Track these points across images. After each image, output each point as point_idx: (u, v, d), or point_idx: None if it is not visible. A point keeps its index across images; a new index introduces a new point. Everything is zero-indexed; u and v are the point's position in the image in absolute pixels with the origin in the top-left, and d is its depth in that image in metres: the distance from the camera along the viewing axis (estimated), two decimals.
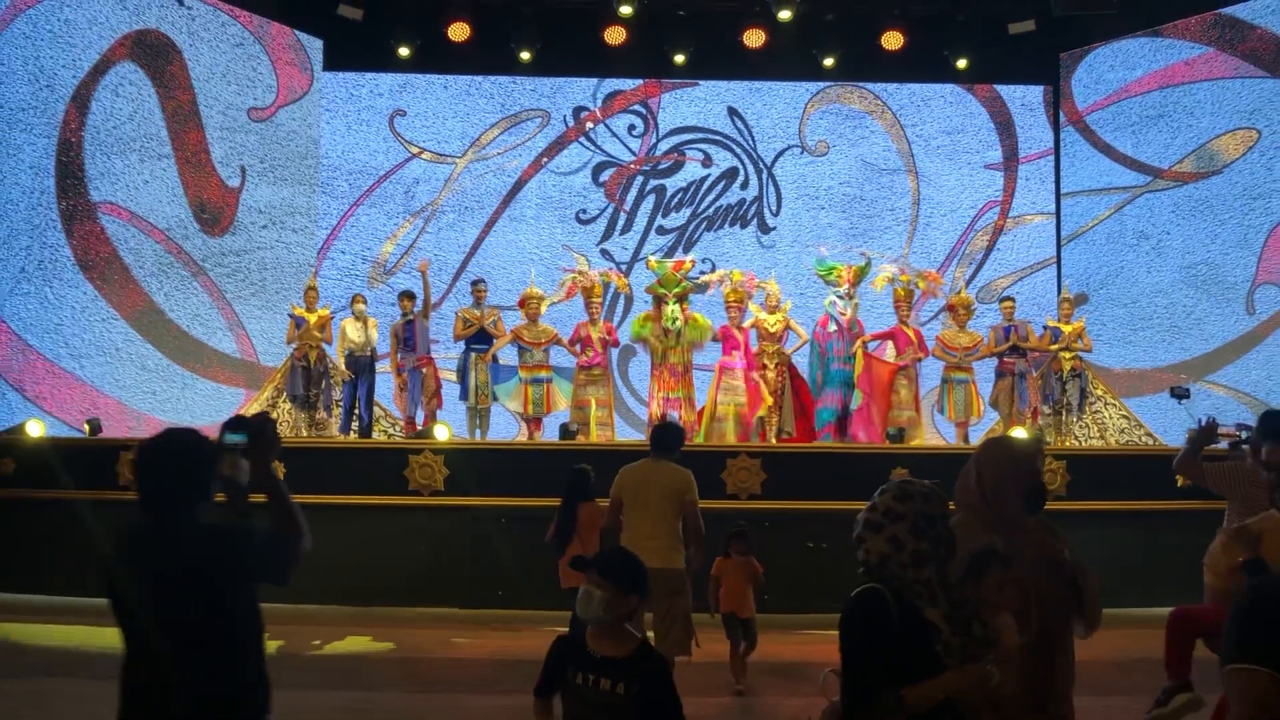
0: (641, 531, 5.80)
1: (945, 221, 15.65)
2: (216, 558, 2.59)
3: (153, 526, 2.63)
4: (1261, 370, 13.21)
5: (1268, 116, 13.40)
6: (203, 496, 2.66)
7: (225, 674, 2.57)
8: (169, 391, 12.80)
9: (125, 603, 2.60)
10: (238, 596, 2.63)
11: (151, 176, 12.82)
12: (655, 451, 6.08)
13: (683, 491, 5.91)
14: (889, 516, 2.66)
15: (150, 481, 2.64)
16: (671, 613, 5.83)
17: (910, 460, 9.83)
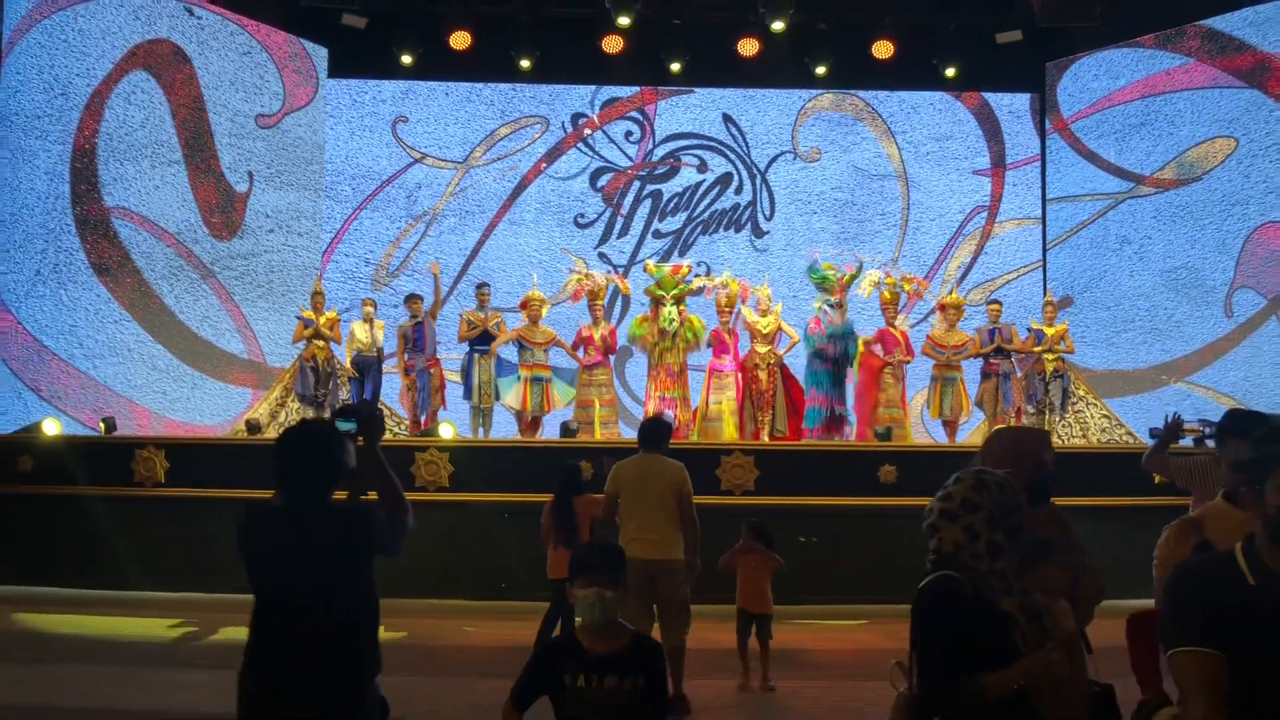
0: (640, 525, 5.96)
1: (934, 226, 16.04)
2: (344, 535, 2.95)
3: (289, 506, 2.98)
4: (1239, 371, 13.63)
5: (1245, 126, 13.82)
6: (333, 480, 3.00)
7: (348, 635, 2.92)
8: (179, 391, 13.14)
9: (259, 572, 2.96)
10: (360, 568, 2.98)
11: (162, 182, 13.17)
12: (646, 446, 6.21)
13: (679, 484, 6.04)
14: (966, 507, 2.64)
15: (289, 467, 2.98)
16: (672, 604, 5.96)
17: (898, 458, 10.24)
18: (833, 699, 6.58)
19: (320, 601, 2.89)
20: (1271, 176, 13.56)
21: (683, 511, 6.03)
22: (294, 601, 2.90)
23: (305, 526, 2.94)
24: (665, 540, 5.94)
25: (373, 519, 3.00)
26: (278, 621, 2.92)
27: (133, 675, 7.10)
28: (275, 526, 2.99)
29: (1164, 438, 5.43)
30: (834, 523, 9.92)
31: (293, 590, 2.91)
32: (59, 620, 8.95)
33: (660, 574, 5.89)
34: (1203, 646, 2.13)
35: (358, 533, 2.97)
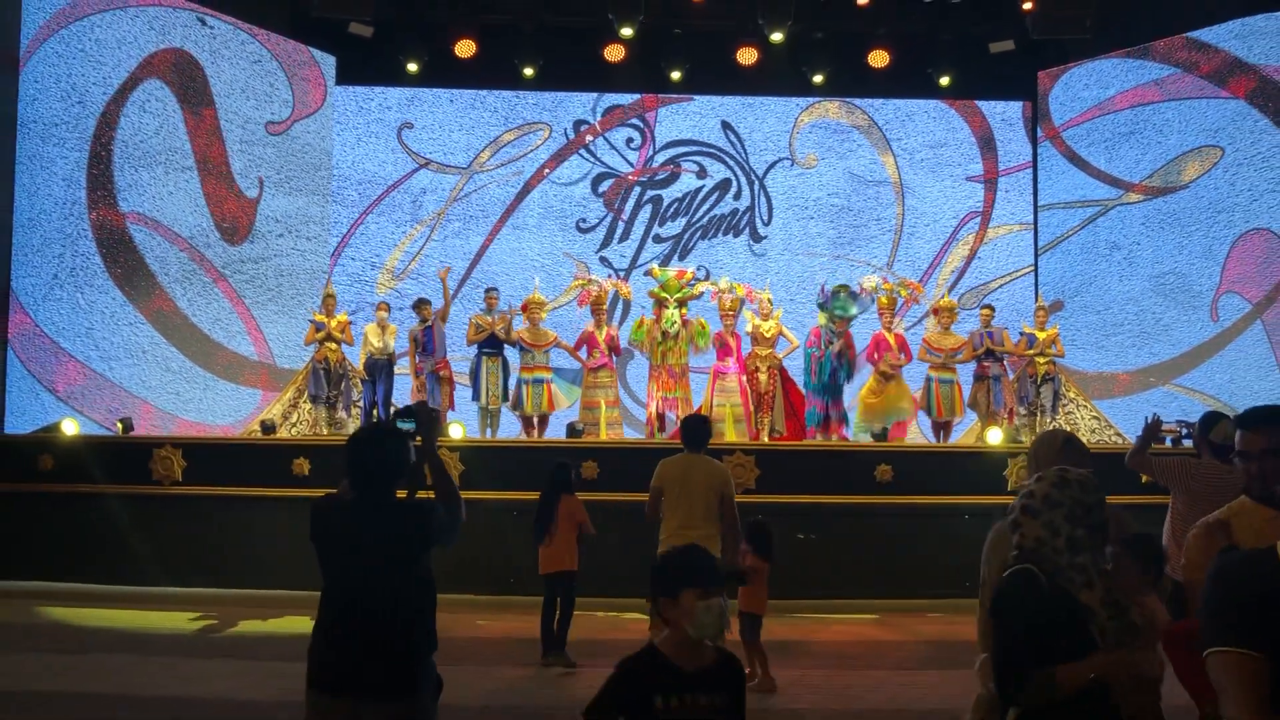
0: (682, 521, 6.17)
1: (928, 231, 16.39)
2: (408, 528, 3.30)
3: (358, 501, 3.32)
4: (1224, 374, 14.00)
5: (1231, 135, 14.18)
6: (397, 478, 3.34)
7: (409, 616, 3.26)
8: (191, 392, 13.44)
9: (330, 558, 3.31)
10: (420, 558, 3.33)
11: (175, 188, 13.46)
12: (690, 446, 6.42)
13: (722, 485, 6.27)
14: (1047, 503, 2.72)
15: (359, 465, 3.31)
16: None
17: (894, 457, 10.59)
18: (831, 686, 6.92)
19: (385, 587, 3.23)
20: (1256, 185, 13.93)
21: (724, 511, 6.25)
22: (362, 586, 3.23)
23: (373, 520, 3.27)
24: (704, 537, 6.05)
25: (433, 514, 3.34)
26: (347, 603, 3.25)
27: (160, 664, 7.42)
28: (345, 519, 3.32)
29: (1144, 438, 5.76)
30: (832, 520, 10.26)
31: (361, 576, 3.24)
32: (83, 614, 9.25)
33: None
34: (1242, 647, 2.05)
35: (419, 526, 3.30)
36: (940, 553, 10.37)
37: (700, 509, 6.18)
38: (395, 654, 3.21)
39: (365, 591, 3.24)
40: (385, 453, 3.33)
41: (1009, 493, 10.40)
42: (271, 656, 7.63)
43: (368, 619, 3.21)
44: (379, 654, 3.20)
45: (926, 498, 10.40)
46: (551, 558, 7.50)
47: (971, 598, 10.58)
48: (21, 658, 7.49)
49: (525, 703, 6.53)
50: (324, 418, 12.06)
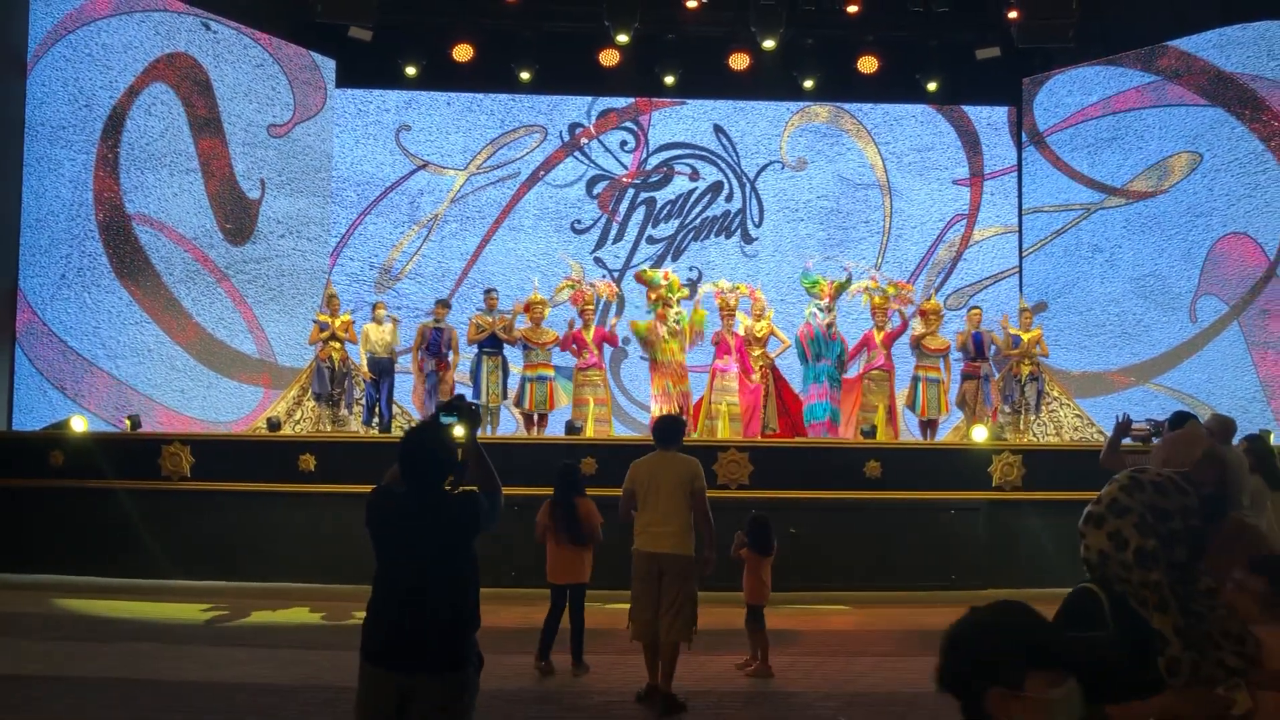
0: (655, 519, 6.16)
1: (916, 233, 16.75)
2: (456, 517, 3.61)
3: (411, 492, 3.63)
4: (1202, 374, 14.41)
5: (1208, 141, 14.59)
6: (447, 472, 3.64)
7: (458, 598, 3.57)
8: (195, 390, 13.71)
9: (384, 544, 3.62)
10: (467, 544, 3.63)
11: (180, 190, 13.73)
12: (661, 444, 6.40)
13: (691, 479, 6.19)
14: (1113, 510, 2.34)
15: (412, 460, 3.62)
16: (679, 598, 6.14)
17: (883, 454, 10.94)
18: (824, 672, 7.27)
19: (437, 570, 3.55)
20: (1233, 190, 14.33)
21: (696, 505, 6.18)
22: (416, 570, 3.55)
23: (426, 510, 3.59)
24: (675, 534, 6.13)
25: (479, 504, 3.65)
26: (402, 586, 3.56)
27: (180, 652, 7.72)
28: (400, 508, 3.64)
29: (1115, 436, 6.13)
30: (823, 515, 10.60)
31: (415, 561, 3.56)
32: (97, 605, 9.53)
33: (669, 568, 6.15)
34: None
35: (469, 515, 3.62)
36: (927, 546, 10.76)
37: (669, 506, 6.15)
38: (446, 631, 3.52)
39: (419, 575, 3.55)
40: (437, 449, 3.64)
41: (993, 488, 10.81)
42: (288, 644, 7.94)
43: (422, 600, 3.52)
44: (432, 631, 3.50)
45: (914, 493, 10.77)
46: (567, 567, 7.24)
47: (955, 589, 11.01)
48: (45, 646, 7.77)
49: (534, 687, 6.84)
50: (327, 415, 12.36)
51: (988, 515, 10.88)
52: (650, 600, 6.18)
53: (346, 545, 10.60)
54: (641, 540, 6.22)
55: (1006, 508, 10.90)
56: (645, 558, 6.20)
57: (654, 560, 6.13)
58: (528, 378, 12.19)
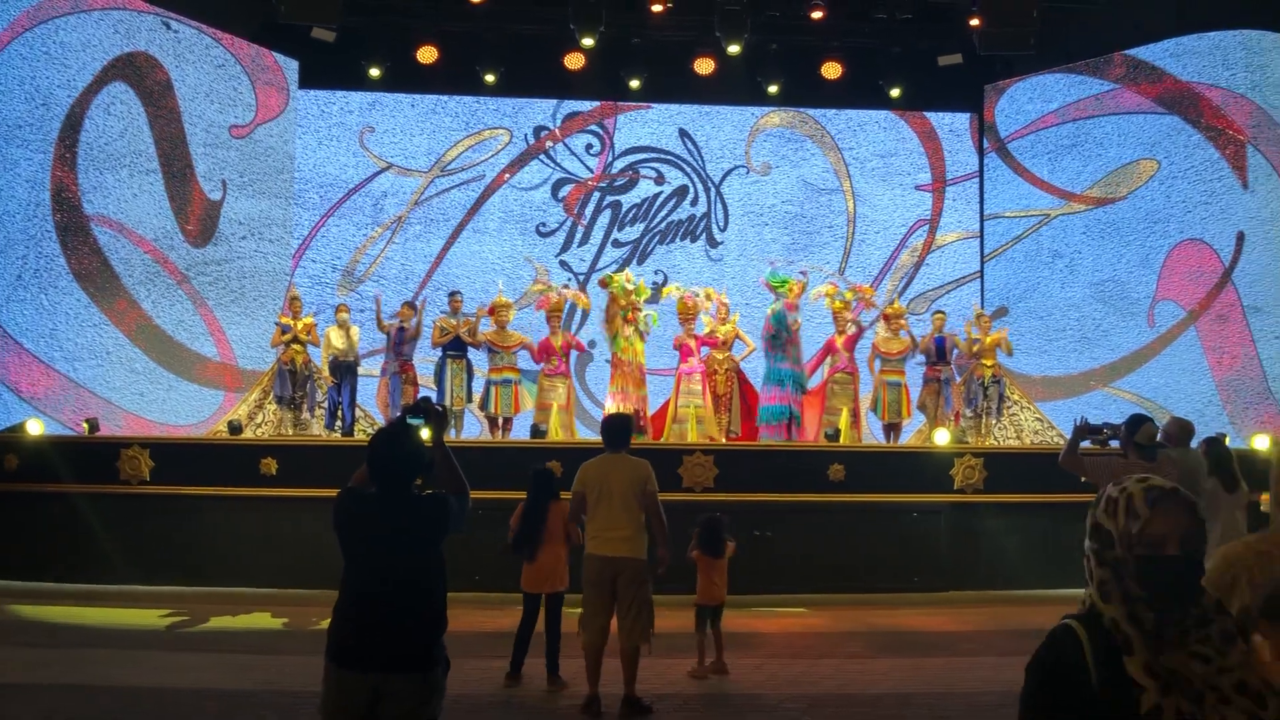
0: (607, 523, 6.06)
1: (879, 238, 16.88)
2: (425, 519, 3.60)
3: (380, 494, 3.62)
4: (1160, 378, 14.62)
5: (1166, 149, 14.81)
6: (416, 474, 3.63)
7: (426, 599, 3.56)
8: (155, 393, 13.54)
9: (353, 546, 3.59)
10: (436, 545, 3.62)
11: (140, 190, 13.55)
12: (610, 446, 6.28)
13: (643, 481, 6.09)
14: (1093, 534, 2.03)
15: (381, 461, 3.61)
16: (635, 602, 6.06)
17: (846, 457, 11.01)
18: (788, 674, 7.29)
19: (407, 571, 3.54)
20: (1190, 197, 14.56)
21: (647, 506, 6.09)
22: (386, 571, 3.53)
23: (395, 511, 3.58)
24: (628, 538, 6.05)
25: (447, 505, 3.64)
26: (372, 586, 3.54)
27: (136, 658, 7.62)
28: (369, 509, 3.63)
29: (1073, 439, 6.20)
30: (787, 517, 10.65)
31: (385, 562, 3.54)
32: (53, 611, 9.38)
33: (622, 572, 6.05)
34: None
35: (438, 517, 3.62)
36: (890, 548, 10.84)
37: (620, 509, 6.06)
38: (417, 632, 3.51)
39: (390, 576, 3.53)
40: (406, 450, 3.63)
41: (955, 491, 10.91)
42: (248, 649, 7.87)
43: (391, 601, 3.50)
44: (404, 632, 3.49)
45: (877, 496, 10.85)
46: (540, 575, 6.97)
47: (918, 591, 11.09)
48: (2, 653, 7.64)
49: (497, 692, 6.81)
50: (289, 418, 12.25)
51: (950, 518, 10.98)
52: (603, 606, 6.10)
53: (308, 549, 10.53)
54: (594, 544, 6.13)
55: (968, 510, 11.01)
56: (599, 562, 6.10)
57: (608, 564, 6.05)
58: (492, 381, 12.16)
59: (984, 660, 7.78)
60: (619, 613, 6.09)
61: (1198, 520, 1.98)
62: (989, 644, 8.43)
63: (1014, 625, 9.18)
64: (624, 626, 6.06)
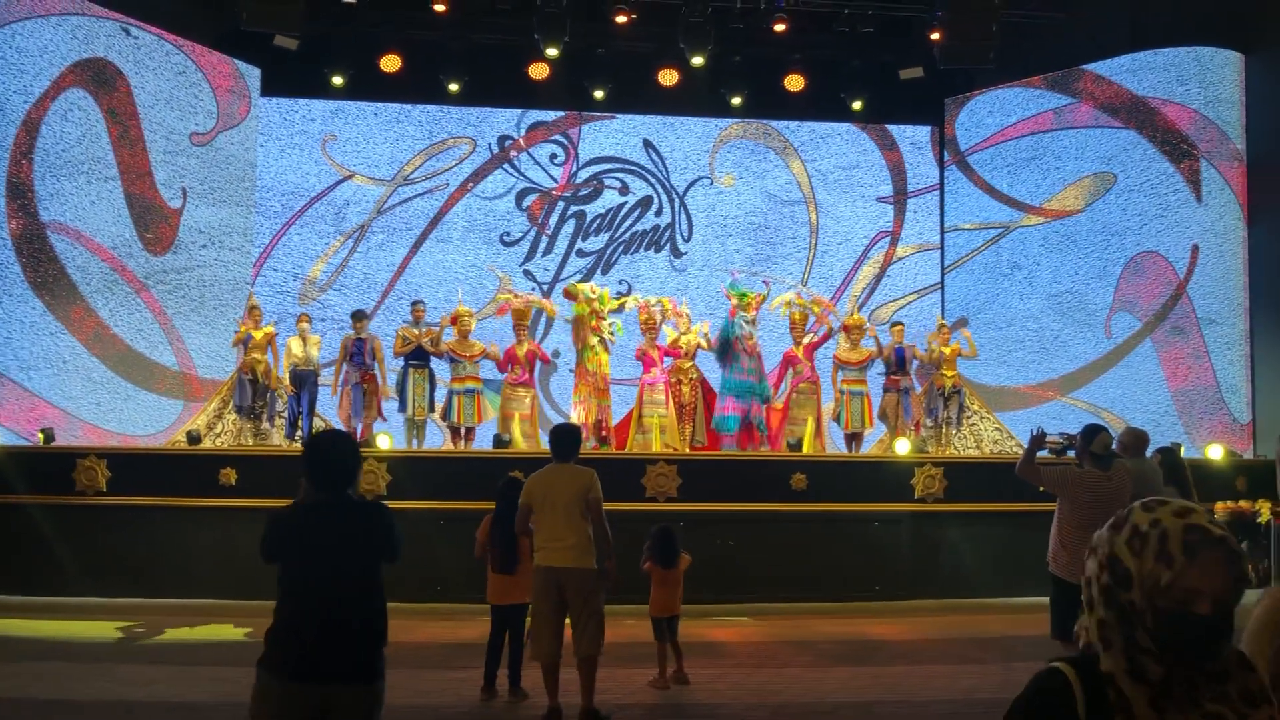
0: (553, 534, 6.00)
1: (841, 249, 17.01)
2: (369, 527, 3.58)
3: (325, 504, 3.58)
4: (1117, 388, 14.83)
5: (1122, 163, 15.05)
6: (355, 477, 3.64)
7: (373, 609, 3.55)
8: (113, 403, 13.37)
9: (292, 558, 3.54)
10: (380, 555, 3.60)
11: (98, 198, 13.39)
12: (557, 456, 6.20)
13: (585, 490, 6.02)
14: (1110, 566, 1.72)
15: (322, 466, 3.57)
16: (586, 611, 6.01)
17: (809, 466, 11.07)
18: (749, 683, 7.31)
19: (351, 579, 3.52)
20: (1145, 210, 14.80)
21: (592, 516, 6.03)
22: (330, 580, 3.50)
23: (342, 516, 3.56)
24: (573, 548, 5.98)
25: (389, 513, 3.65)
26: (315, 596, 3.50)
27: (93, 670, 7.51)
28: (312, 518, 3.58)
29: (1030, 449, 6.29)
30: (750, 527, 10.69)
31: (329, 570, 3.51)
32: (8, 624, 9.19)
33: (569, 582, 5.99)
34: None
35: (380, 524, 3.60)
36: (851, 557, 10.92)
37: (566, 520, 5.99)
38: (364, 640, 3.50)
39: (333, 584, 3.50)
40: (343, 454, 3.62)
41: (916, 500, 11.01)
42: (207, 661, 7.78)
43: (343, 609, 3.48)
44: (353, 641, 3.47)
45: (839, 505, 10.92)
46: (509, 586, 6.87)
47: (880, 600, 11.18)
48: None
49: (456, 703, 6.78)
50: (249, 428, 12.14)
51: (911, 527, 11.07)
52: (552, 618, 6.05)
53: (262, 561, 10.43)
54: (541, 556, 6.07)
55: (929, 519, 11.11)
56: (546, 573, 6.05)
57: (555, 575, 6.00)
58: (455, 390, 12.11)
59: (943, 669, 7.84)
60: (571, 623, 6.04)
61: (1239, 573, 1.65)
62: (949, 652, 8.50)
63: (973, 634, 9.27)
64: (577, 637, 6.02)
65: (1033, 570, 8.87)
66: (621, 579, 6.25)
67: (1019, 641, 8.58)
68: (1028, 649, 8.18)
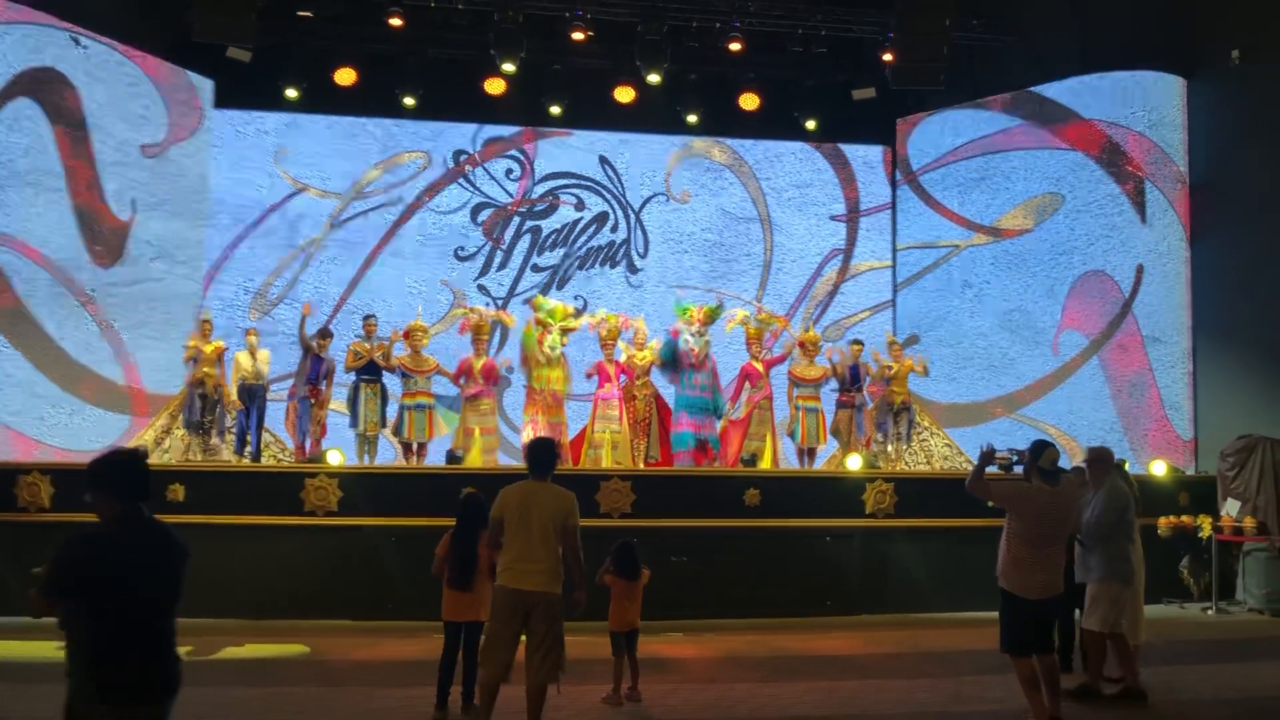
0: (526, 555, 5.70)
1: (795, 267, 17.15)
2: (176, 540, 3.61)
3: (131, 524, 3.53)
4: (1064, 404, 15.06)
5: (1070, 184, 15.33)
6: (148, 490, 3.63)
7: (171, 639, 3.58)
8: (57, 418, 13.12)
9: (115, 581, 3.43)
10: (182, 581, 3.60)
11: (45, 209, 13.16)
12: (535, 472, 5.96)
13: (565, 514, 5.77)
14: None
15: (125, 482, 3.57)
16: (547, 639, 5.72)
17: (762, 482, 11.13)
18: (704, 698, 7.33)
19: (170, 594, 3.56)
20: (1092, 230, 15.07)
21: (567, 543, 5.78)
22: (149, 599, 3.50)
23: (148, 538, 3.56)
24: (545, 571, 5.71)
25: (177, 536, 3.68)
26: (135, 617, 3.46)
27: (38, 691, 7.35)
28: (121, 542, 3.50)
29: (979, 464, 6.38)
30: (704, 542, 10.71)
31: (148, 589, 3.49)
32: None
33: (536, 607, 5.70)
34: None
35: (180, 540, 3.64)
36: (804, 572, 10.98)
37: (539, 540, 5.70)
38: (173, 658, 3.58)
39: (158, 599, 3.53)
40: (134, 468, 3.63)
41: (867, 515, 11.10)
42: None
43: (164, 625, 3.53)
44: (173, 656, 3.57)
45: (792, 520, 10.99)
46: (465, 603, 6.76)
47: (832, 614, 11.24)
48: None
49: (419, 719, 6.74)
50: (198, 444, 11.98)
51: (862, 542, 11.16)
52: (511, 640, 5.76)
53: (216, 577, 10.29)
54: (507, 576, 5.75)
55: (879, 534, 11.20)
56: (510, 595, 5.73)
57: (521, 598, 5.69)
58: (406, 405, 12.03)
59: (896, 683, 7.90)
60: (528, 649, 5.74)
61: None
62: (901, 667, 8.57)
63: (924, 648, 9.34)
64: (533, 664, 5.72)
65: (981, 585, 8.98)
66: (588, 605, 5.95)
67: (969, 655, 8.68)
68: (978, 663, 8.29)
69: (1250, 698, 7.44)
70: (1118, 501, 7.18)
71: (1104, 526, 7.15)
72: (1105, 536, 7.15)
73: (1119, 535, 7.20)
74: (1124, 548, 7.20)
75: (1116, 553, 7.17)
